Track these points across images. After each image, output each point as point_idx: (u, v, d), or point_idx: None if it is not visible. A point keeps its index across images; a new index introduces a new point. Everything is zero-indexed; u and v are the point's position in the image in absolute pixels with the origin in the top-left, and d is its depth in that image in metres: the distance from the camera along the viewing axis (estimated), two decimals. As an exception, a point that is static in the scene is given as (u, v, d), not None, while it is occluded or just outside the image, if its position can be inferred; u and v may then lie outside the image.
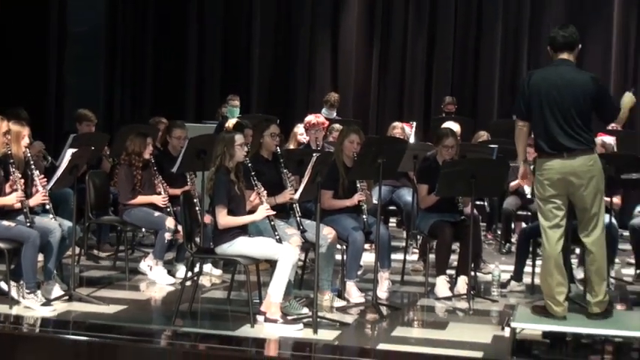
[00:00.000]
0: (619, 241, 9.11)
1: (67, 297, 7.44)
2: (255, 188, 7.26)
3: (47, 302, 7.22)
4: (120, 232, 9.43)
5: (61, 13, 13.65)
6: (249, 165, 7.30)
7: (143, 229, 9.22)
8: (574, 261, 8.57)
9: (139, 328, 6.87)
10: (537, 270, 8.71)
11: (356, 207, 8.05)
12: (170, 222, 8.48)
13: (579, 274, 8.23)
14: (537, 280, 8.53)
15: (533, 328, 6.58)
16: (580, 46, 6.74)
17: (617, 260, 9.15)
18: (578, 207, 6.58)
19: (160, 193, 8.71)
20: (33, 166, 7.48)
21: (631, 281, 9.10)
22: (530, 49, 15.63)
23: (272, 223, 7.16)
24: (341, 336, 6.83)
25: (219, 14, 16.48)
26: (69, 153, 7.42)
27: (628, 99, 6.81)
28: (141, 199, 8.67)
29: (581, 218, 6.61)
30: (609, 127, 10.94)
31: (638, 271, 9.03)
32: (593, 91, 6.54)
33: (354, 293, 7.87)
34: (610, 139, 10.88)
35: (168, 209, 8.65)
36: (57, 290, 7.45)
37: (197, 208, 8.19)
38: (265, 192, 7.27)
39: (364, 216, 8.05)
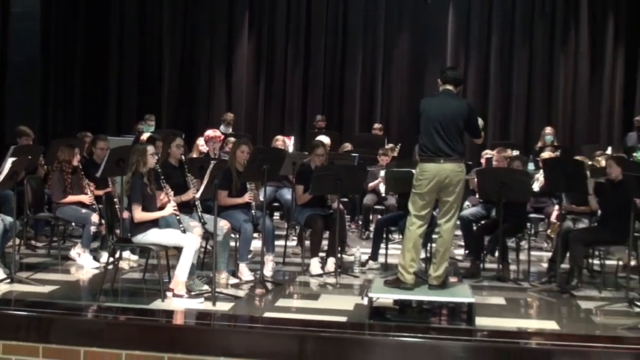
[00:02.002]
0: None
1: (9, 280, 7.27)
2: (164, 189, 7.23)
3: (-8, 284, 7.06)
4: (53, 226, 9.24)
5: (2, 45, 13.38)
6: (159, 170, 7.26)
7: (73, 223, 9.03)
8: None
9: (70, 304, 6.73)
10: (390, 252, 8.91)
11: (246, 204, 8.07)
12: (95, 217, 8.37)
13: (421, 254, 8.37)
14: (390, 260, 8.72)
15: (386, 297, 6.66)
16: (461, 86, 7.07)
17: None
18: (444, 200, 6.72)
19: (86, 194, 8.57)
20: (-21, 172, 7.29)
21: (461, 259, 9.33)
22: (384, 78, 15.99)
23: (178, 217, 7.12)
24: (235, 307, 6.83)
25: (135, 49, 16.37)
26: (10, 161, 7.26)
27: (479, 122, 7.05)
28: (70, 198, 8.49)
29: (444, 209, 6.75)
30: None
31: (466, 252, 9.21)
32: (466, 114, 6.76)
33: (246, 273, 7.86)
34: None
35: (94, 206, 8.52)
36: (0, 274, 7.29)
37: (117, 206, 8.11)
38: (172, 192, 7.25)
39: (253, 211, 8.07)
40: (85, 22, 15.94)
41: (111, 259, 7.50)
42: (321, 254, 8.47)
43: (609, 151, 11.62)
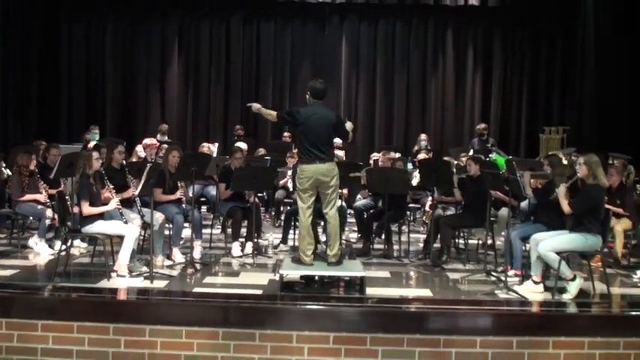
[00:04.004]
0: (347, 216, 9.38)
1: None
2: (107, 187, 7.12)
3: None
4: (13, 220, 8.99)
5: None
6: (103, 172, 7.16)
7: (30, 217, 8.80)
8: (319, 230, 8.76)
9: (29, 285, 6.56)
10: (297, 237, 8.90)
11: (178, 199, 8.01)
12: (49, 212, 8.19)
13: (323, 238, 8.44)
14: (297, 243, 8.73)
15: (294, 273, 6.72)
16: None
17: (346, 229, 9.43)
18: (324, 193, 6.78)
19: (41, 192, 8.35)
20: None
21: (355, 241, 9.39)
22: (290, 94, 15.98)
23: (120, 210, 7.05)
24: (169, 284, 6.77)
25: (81, 70, 15.94)
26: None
27: (349, 125, 7.10)
28: (28, 196, 8.27)
29: (326, 200, 6.81)
30: (339, 145, 11.29)
31: (358, 235, 9.30)
32: (335, 122, 6.83)
33: (178, 256, 7.80)
34: (340, 152, 11.24)
35: (48, 203, 8.31)
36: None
37: (68, 202, 7.94)
38: (115, 190, 7.14)
39: (184, 205, 8.02)
40: (38, 47, 15.43)
41: (63, 247, 7.33)
42: (241, 239, 8.45)
43: (471, 152, 11.91)
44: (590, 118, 14.45)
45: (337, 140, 12.20)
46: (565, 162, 8.15)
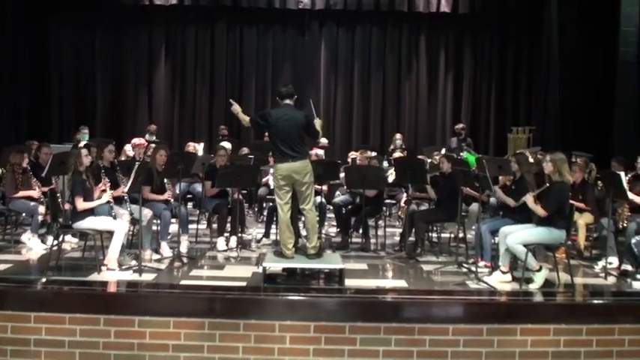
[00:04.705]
0: (326, 211, 9.39)
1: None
2: (104, 181, 7.10)
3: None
4: (7, 216, 8.88)
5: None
6: (102, 166, 7.21)
7: (23, 214, 8.68)
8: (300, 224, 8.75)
9: (22, 278, 6.51)
10: (279, 231, 8.91)
11: (166, 199, 7.98)
12: (41, 208, 8.12)
13: (304, 232, 8.41)
14: (278, 237, 8.72)
15: (276, 266, 6.71)
16: (296, 96, 7.02)
17: (325, 223, 9.42)
18: (299, 190, 6.80)
19: (34, 190, 8.27)
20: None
21: (334, 235, 9.37)
22: (272, 96, 15.79)
23: (111, 205, 7.01)
24: (157, 277, 6.74)
25: (71, 73, 15.78)
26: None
27: (318, 122, 7.04)
28: (21, 194, 8.19)
29: (302, 197, 6.83)
30: (321, 145, 11.26)
31: (337, 230, 9.27)
32: (304, 122, 6.85)
33: (166, 250, 7.76)
34: (320, 151, 11.23)
35: (40, 200, 8.23)
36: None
37: (59, 199, 7.88)
38: (109, 184, 7.11)
39: (172, 202, 7.98)
40: (29, 50, 15.26)
41: (55, 242, 7.26)
42: (226, 234, 8.42)
43: (443, 151, 11.95)
44: (555, 119, 14.60)
45: (323, 140, 12.34)
46: (531, 160, 8.20)
